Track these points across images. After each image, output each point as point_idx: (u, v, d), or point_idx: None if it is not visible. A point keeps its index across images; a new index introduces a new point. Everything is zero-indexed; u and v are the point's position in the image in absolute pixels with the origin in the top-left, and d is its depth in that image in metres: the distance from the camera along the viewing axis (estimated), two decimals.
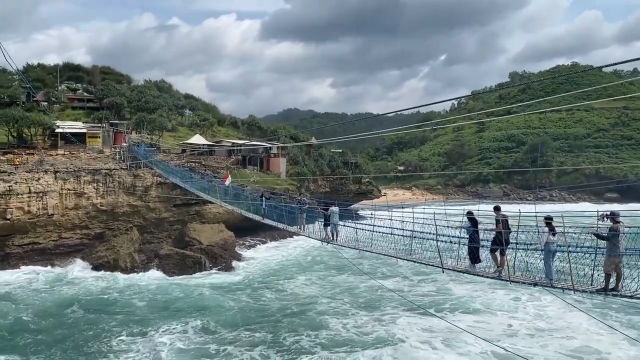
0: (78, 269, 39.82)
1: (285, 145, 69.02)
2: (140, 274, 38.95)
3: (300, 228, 25.62)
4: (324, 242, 22.88)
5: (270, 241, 53.45)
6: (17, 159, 44.91)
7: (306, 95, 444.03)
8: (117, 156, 50.41)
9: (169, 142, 61.15)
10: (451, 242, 15.14)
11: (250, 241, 52.41)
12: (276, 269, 41.72)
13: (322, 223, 22.99)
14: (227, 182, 37.93)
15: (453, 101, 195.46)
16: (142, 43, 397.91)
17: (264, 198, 30.46)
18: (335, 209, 22.34)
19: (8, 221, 40.35)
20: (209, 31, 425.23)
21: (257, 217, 30.68)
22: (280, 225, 27.88)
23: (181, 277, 38.15)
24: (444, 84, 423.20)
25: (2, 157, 44.69)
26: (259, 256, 46.98)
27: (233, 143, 65.30)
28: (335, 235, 22.14)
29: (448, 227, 15.76)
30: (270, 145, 69.89)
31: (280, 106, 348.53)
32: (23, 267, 39.87)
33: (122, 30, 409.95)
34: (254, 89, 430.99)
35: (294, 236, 45.78)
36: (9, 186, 40.53)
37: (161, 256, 41.78)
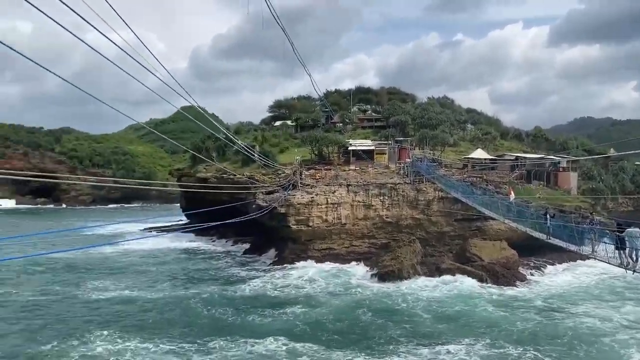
0: (365, 275, 42.97)
1: (577, 158, 62.24)
2: (422, 284, 39.83)
3: (592, 251, 22.84)
4: (626, 269, 19.71)
5: (558, 263, 48.63)
6: (318, 174, 51.31)
7: (603, 100, 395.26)
8: (401, 171, 52.86)
9: (451, 157, 61.52)
10: None
11: (535, 262, 48.60)
12: (565, 293, 37.70)
13: (614, 246, 20.10)
14: (511, 197, 36.07)
15: None
16: (427, 61, 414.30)
17: (548, 216, 28.06)
18: (635, 230, 19.35)
19: (310, 228, 46.55)
20: (494, 42, 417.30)
21: (542, 236, 28.37)
22: (568, 247, 25.22)
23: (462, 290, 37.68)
24: None
25: (306, 173, 51.56)
26: (545, 279, 43.18)
27: (517, 157, 61.96)
28: (637, 260, 19.18)
29: None
30: (558, 159, 64.00)
31: (570, 115, 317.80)
32: (321, 264, 45.10)
33: (409, 51, 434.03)
34: (541, 98, 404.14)
35: (585, 259, 40.84)
36: (311, 197, 46.71)
37: (442, 270, 42.04)
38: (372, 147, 58.79)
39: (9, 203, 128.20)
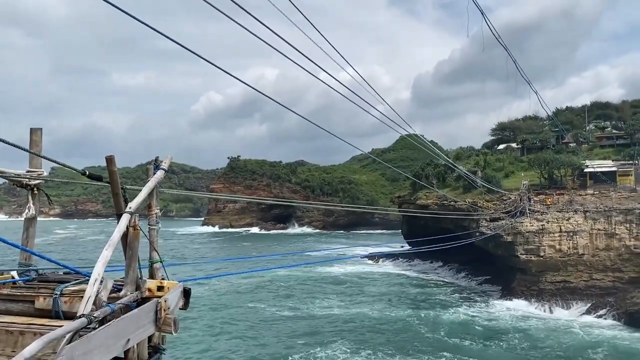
0: (608, 315, 37.88)
1: None
2: None
3: None
4: None
5: None
6: (549, 199, 47.35)
7: None
8: None
9: None
10: None
11: None
12: None
13: None
14: None
15: None
16: None
17: None
18: None
19: (542, 258, 42.89)
20: None
21: None
22: None
23: None
24: None
25: (535, 198, 48.02)
26: None
27: None
28: None
29: None
30: None
31: None
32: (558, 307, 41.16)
33: None
34: None
35: None
36: (542, 225, 43.15)
37: None
38: (614, 168, 52.14)
39: (255, 229, 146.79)
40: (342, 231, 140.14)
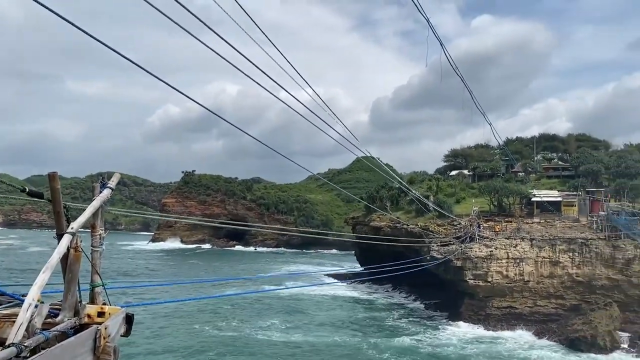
0: (549, 340, 39.00)
1: None
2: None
3: None
4: None
5: None
6: (497, 226, 48.64)
7: None
8: (594, 225, 47.70)
9: None
10: None
11: None
12: None
13: None
14: None
15: None
16: (630, 103, 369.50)
17: None
18: None
19: (489, 283, 43.90)
20: None
21: None
22: None
23: None
24: None
25: (484, 224, 49.26)
26: None
27: None
28: None
29: None
30: None
31: None
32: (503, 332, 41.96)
33: (608, 93, 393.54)
34: None
35: None
36: (490, 251, 44.26)
37: None
38: (559, 199, 54.10)
39: (207, 246, 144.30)
40: (295, 250, 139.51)
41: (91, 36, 5.15)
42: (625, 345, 37.01)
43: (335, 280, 67.66)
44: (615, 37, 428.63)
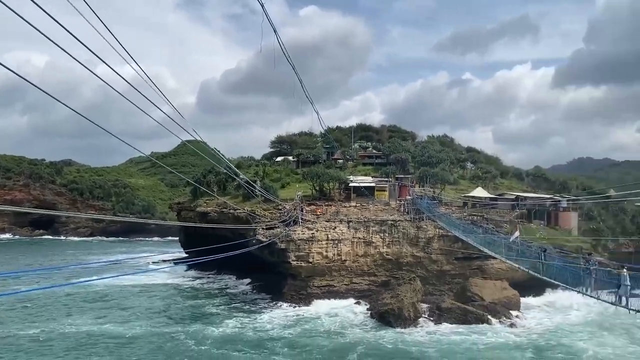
0: (364, 313, 42.43)
1: (578, 199, 62.32)
2: (424, 325, 39.32)
3: (586, 289, 24.08)
4: (614, 305, 22.28)
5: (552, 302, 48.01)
6: (319, 210, 51.30)
7: (606, 142, 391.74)
8: (402, 208, 52.94)
9: (451, 195, 61.63)
10: None
11: (534, 303, 47.97)
12: (561, 332, 37.40)
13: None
14: (513, 237, 36.02)
15: None
16: (435, 99, 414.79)
17: (541, 252, 29.39)
18: (624, 272, 22.20)
19: (310, 264, 46.23)
20: (501, 82, 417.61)
21: (537, 274, 28.58)
22: (561, 284, 26.11)
23: (463, 332, 37.16)
24: None
25: (307, 208, 51.55)
26: (543, 317, 42.76)
27: (517, 196, 62.11)
28: (626, 299, 21.71)
29: None
30: (560, 199, 64.07)
31: (570, 155, 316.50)
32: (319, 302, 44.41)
33: (417, 89, 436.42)
34: (546, 138, 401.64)
35: (581, 297, 40.67)
36: (312, 233, 46.56)
37: (443, 309, 41.60)
38: (373, 184, 58.94)
39: (7, 235, 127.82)
40: (112, 238, 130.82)
41: None
42: (426, 316, 41.87)
43: (156, 267, 65.15)
44: (423, 38, 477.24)
